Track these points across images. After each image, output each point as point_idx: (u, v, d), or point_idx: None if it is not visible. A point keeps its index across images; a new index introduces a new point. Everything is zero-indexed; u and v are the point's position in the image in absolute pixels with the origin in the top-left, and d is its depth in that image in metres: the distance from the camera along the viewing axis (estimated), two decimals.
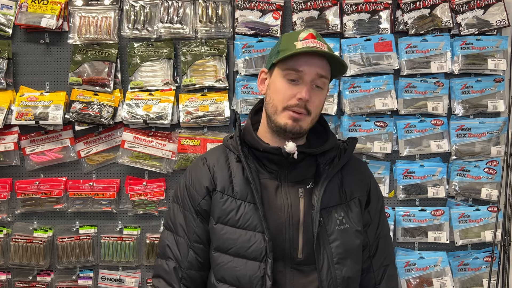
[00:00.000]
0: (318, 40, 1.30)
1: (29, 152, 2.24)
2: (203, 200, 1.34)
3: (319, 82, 1.30)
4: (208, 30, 2.22)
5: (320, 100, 1.33)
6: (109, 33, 2.23)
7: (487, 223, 2.23)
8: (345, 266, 1.29)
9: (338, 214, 1.32)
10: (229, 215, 1.29)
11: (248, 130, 1.37)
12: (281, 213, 1.29)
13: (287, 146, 1.30)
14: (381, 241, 1.42)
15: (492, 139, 2.24)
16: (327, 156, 1.36)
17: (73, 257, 2.25)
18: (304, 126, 1.31)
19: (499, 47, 2.21)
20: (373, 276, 1.40)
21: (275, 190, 1.32)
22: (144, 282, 2.28)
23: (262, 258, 1.25)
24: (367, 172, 1.47)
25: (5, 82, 2.22)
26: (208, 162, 1.39)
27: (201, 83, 2.23)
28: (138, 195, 2.24)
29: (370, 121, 2.23)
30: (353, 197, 1.36)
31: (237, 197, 1.30)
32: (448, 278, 2.22)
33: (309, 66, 1.28)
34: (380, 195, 1.47)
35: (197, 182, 1.37)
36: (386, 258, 1.43)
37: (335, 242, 1.29)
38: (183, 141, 2.21)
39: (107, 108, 2.19)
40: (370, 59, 2.21)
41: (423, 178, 2.22)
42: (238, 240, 1.27)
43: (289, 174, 1.34)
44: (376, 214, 1.42)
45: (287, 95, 1.29)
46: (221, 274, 1.30)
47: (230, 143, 1.40)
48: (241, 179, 1.32)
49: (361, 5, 2.23)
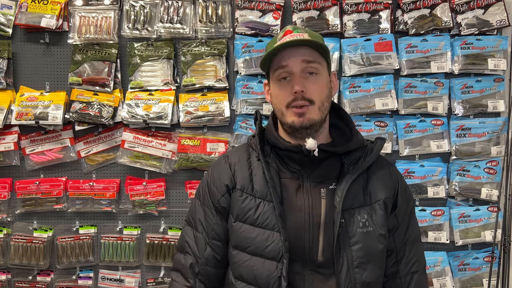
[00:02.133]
0: (296, 32, 1.28)
1: (29, 152, 2.24)
2: (222, 197, 1.34)
3: (310, 68, 1.28)
4: (208, 30, 2.22)
5: (320, 86, 1.29)
6: (109, 33, 2.23)
7: (487, 223, 2.23)
8: (365, 271, 1.24)
9: (361, 216, 1.27)
10: (248, 214, 1.29)
11: (269, 128, 1.36)
12: (301, 213, 1.26)
13: (307, 142, 1.26)
14: (409, 246, 1.35)
15: (492, 139, 2.24)
16: (353, 156, 1.32)
17: (73, 257, 2.26)
18: (313, 117, 1.27)
19: (499, 47, 2.21)
20: (399, 282, 1.34)
21: (296, 189, 1.29)
22: (144, 282, 2.28)
23: (279, 258, 1.24)
24: (395, 174, 1.38)
25: (5, 82, 2.22)
26: (229, 160, 1.38)
27: (201, 83, 2.23)
28: (138, 195, 2.24)
29: (370, 121, 2.23)
30: (378, 199, 1.30)
31: (256, 196, 1.29)
32: (448, 278, 2.22)
33: (291, 58, 1.27)
34: (410, 198, 1.40)
35: (217, 179, 1.36)
36: (415, 264, 1.35)
37: (357, 245, 1.24)
38: (183, 141, 2.21)
39: (107, 108, 2.19)
40: (370, 59, 2.21)
41: (423, 178, 2.22)
42: (256, 239, 1.26)
43: (312, 174, 1.30)
44: (404, 218, 1.35)
45: (284, 95, 1.29)
46: (239, 272, 1.30)
47: (252, 141, 1.39)
48: (261, 177, 1.30)
49: (361, 5, 2.23)
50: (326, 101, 1.31)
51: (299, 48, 1.28)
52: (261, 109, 2.21)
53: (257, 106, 2.22)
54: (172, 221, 2.28)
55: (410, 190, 1.42)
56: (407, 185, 1.42)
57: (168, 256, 2.24)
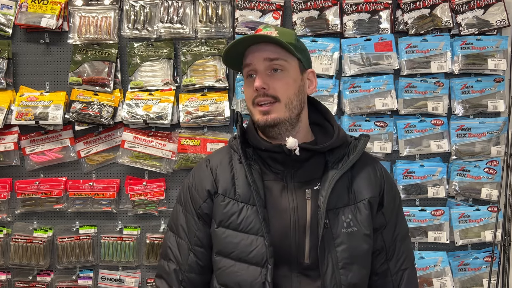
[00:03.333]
0: (266, 30, 1.26)
1: (29, 152, 2.24)
2: (204, 203, 1.31)
3: (275, 65, 1.25)
4: (208, 30, 2.22)
5: (285, 82, 1.25)
6: (109, 33, 2.23)
7: (487, 223, 2.23)
8: (350, 272, 1.22)
9: (345, 216, 1.25)
10: (231, 219, 1.25)
11: (250, 129, 1.34)
12: (286, 215, 1.24)
13: (288, 142, 1.24)
14: (399, 244, 1.34)
15: (492, 139, 2.24)
16: (336, 154, 1.29)
17: (73, 257, 2.25)
18: (278, 115, 1.24)
19: (499, 47, 2.21)
20: (390, 280, 1.33)
21: (280, 191, 1.26)
22: (144, 282, 2.28)
23: (263, 264, 1.21)
24: (380, 171, 1.35)
25: (5, 82, 2.22)
26: (211, 164, 1.35)
27: (201, 83, 2.23)
28: (138, 195, 2.24)
29: (370, 121, 2.23)
30: (363, 198, 1.28)
31: (239, 200, 1.26)
32: (448, 278, 2.22)
33: (254, 56, 1.25)
34: (397, 195, 1.38)
35: (199, 184, 1.33)
36: (405, 261, 1.34)
37: (341, 246, 1.23)
38: (183, 141, 2.21)
39: (107, 108, 2.19)
40: (370, 59, 2.21)
41: (423, 178, 2.22)
42: (239, 244, 1.23)
43: (296, 174, 1.28)
44: (392, 215, 1.34)
45: (249, 92, 1.27)
46: (222, 278, 1.27)
47: (233, 143, 1.35)
48: (243, 181, 1.27)
49: (361, 5, 2.23)
50: (295, 99, 1.27)
51: (265, 45, 1.25)
52: None
53: None
54: None
55: (396, 187, 1.40)
56: (393, 181, 1.40)
57: None
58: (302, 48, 1.31)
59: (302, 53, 1.29)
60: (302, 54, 1.29)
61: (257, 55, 1.25)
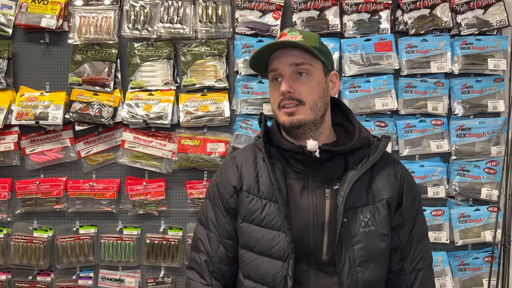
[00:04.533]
0: (290, 35, 1.30)
1: (29, 152, 2.24)
2: (231, 198, 1.36)
3: (300, 70, 1.29)
4: (208, 30, 2.22)
5: (309, 86, 1.29)
6: (109, 33, 2.23)
7: (487, 223, 2.23)
8: (367, 269, 1.26)
9: (363, 216, 1.28)
10: (254, 214, 1.31)
11: (274, 130, 1.38)
12: (306, 214, 1.28)
13: (308, 144, 1.28)
14: (415, 244, 1.35)
15: (492, 139, 2.24)
16: (357, 155, 1.32)
17: (73, 257, 2.26)
18: (303, 117, 1.28)
19: (499, 47, 2.21)
20: (404, 279, 1.34)
21: (301, 190, 1.31)
22: (144, 282, 2.28)
23: (285, 258, 1.26)
24: (400, 172, 1.37)
25: (5, 82, 2.22)
26: (236, 161, 1.40)
27: (201, 83, 2.23)
28: (138, 195, 2.24)
29: (370, 121, 2.23)
30: (382, 198, 1.30)
31: (262, 197, 1.31)
32: (448, 278, 2.22)
33: (279, 61, 1.29)
34: (417, 195, 1.39)
35: (226, 180, 1.39)
36: (420, 261, 1.35)
37: (359, 244, 1.26)
38: (183, 141, 2.21)
39: (107, 108, 2.19)
40: (370, 59, 2.21)
41: (423, 178, 2.22)
42: (262, 239, 1.29)
43: (316, 174, 1.31)
44: (410, 215, 1.35)
45: (275, 95, 1.31)
46: (246, 271, 1.32)
47: (258, 142, 1.39)
48: (267, 179, 1.32)
49: (361, 5, 2.23)
50: (320, 101, 1.30)
51: (290, 50, 1.29)
52: (261, 109, 2.21)
53: (257, 106, 2.22)
54: (172, 221, 2.28)
55: (417, 187, 1.41)
56: (414, 181, 1.41)
57: (168, 256, 2.24)
58: (326, 51, 1.35)
59: (326, 57, 1.33)
60: (326, 57, 1.33)
61: (283, 60, 1.29)
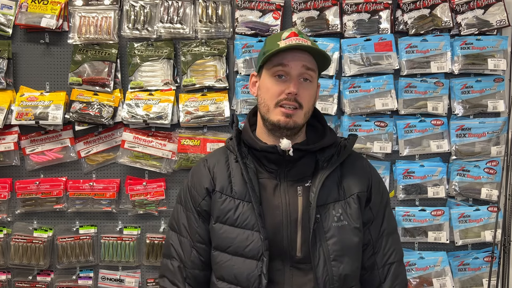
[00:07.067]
0: (301, 37, 1.33)
1: (29, 152, 2.24)
2: (203, 200, 1.37)
3: (307, 75, 1.33)
4: (208, 30, 2.22)
5: (310, 93, 1.34)
6: (109, 33, 2.23)
7: (487, 223, 2.23)
8: (342, 263, 1.29)
9: (335, 211, 1.31)
10: (228, 214, 1.32)
11: (246, 130, 1.41)
12: (279, 211, 1.30)
13: (282, 143, 1.31)
14: (386, 238, 1.40)
15: (492, 139, 2.24)
16: (327, 153, 1.37)
17: (73, 257, 2.25)
18: (298, 121, 1.33)
19: (499, 47, 2.21)
20: (377, 274, 1.38)
21: (273, 189, 1.33)
22: (144, 282, 2.28)
23: (259, 257, 1.27)
24: (368, 168, 1.44)
25: (5, 82, 2.22)
26: (208, 164, 1.42)
27: (201, 83, 2.23)
28: (138, 195, 2.24)
29: (370, 121, 2.23)
30: (352, 193, 1.35)
31: (235, 197, 1.33)
32: (448, 278, 2.22)
33: (294, 60, 1.31)
34: (384, 191, 1.45)
35: (198, 183, 1.40)
36: (392, 255, 1.39)
37: (332, 239, 1.29)
38: (183, 141, 2.21)
39: (107, 108, 2.19)
40: (370, 59, 2.21)
41: (423, 178, 2.22)
42: (236, 239, 1.30)
43: (288, 173, 1.35)
44: (380, 211, 1.40)
45: (276, 92, 1.32)
46: (220, 272, 1.33)
47: (230, 144, 1.43)
48: (240, 179, 1.34)
49: (361, 5, 2.23)
50: (311, 109, 1.38)
51: (302, 52, 1.32)
52: None
53: None
54: None
55: (384, 183, 1.48)
56: (380, 178, 1.48)
57: None
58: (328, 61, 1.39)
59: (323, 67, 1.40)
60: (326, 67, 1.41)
61: (298, 59, 1.32)
